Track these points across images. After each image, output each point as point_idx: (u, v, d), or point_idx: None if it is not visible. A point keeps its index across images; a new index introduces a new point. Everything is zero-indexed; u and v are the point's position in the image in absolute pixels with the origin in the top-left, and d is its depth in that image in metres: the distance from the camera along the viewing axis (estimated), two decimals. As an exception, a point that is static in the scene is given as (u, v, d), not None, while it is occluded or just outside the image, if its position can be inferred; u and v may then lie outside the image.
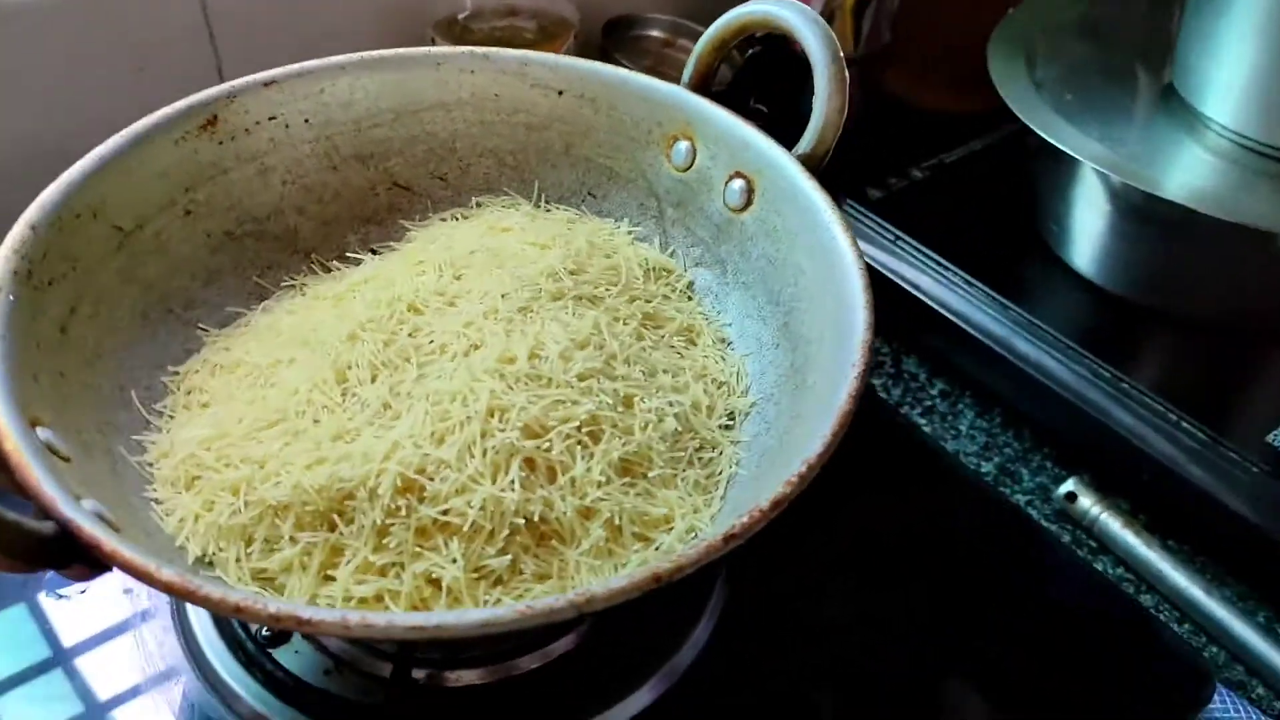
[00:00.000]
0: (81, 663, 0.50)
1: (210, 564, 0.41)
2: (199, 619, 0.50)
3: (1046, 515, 0.64)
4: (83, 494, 0.37)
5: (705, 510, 0.44)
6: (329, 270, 0.56)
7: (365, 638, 0.32)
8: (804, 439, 0.41)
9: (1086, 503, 0.63)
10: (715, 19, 0.96)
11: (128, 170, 0.49)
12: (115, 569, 0.34)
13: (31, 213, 0.44)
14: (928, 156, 0.85)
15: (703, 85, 0.56)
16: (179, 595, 0.33)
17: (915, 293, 0.73)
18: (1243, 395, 0.66)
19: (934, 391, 0.73)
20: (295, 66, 0.55)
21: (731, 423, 0.49)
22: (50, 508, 0.34)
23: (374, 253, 0.58)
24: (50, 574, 0.39)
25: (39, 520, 0.34)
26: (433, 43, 0.85)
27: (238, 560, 0.41)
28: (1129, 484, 0.64)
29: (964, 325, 0.71)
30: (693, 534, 0.43)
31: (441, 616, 0.33)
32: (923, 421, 0.71)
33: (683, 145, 0.56)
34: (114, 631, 0.51)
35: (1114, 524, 0.61)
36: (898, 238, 0.75)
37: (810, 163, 0.51)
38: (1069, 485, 0.64)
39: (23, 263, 0.43)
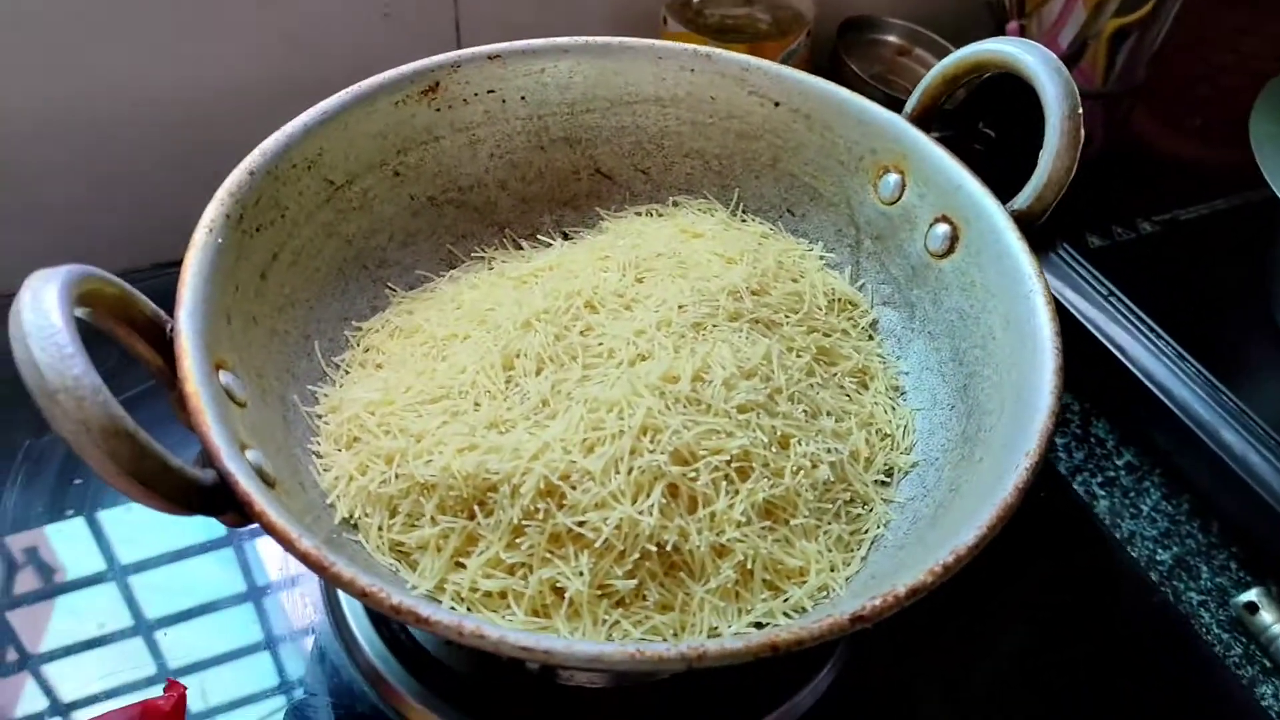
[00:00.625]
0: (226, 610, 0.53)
1: (355, 526, 0.43)
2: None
3: (1220, 621, 0.59)
4: (249, 442, 0.39)
5: (842, 570, 0.43)
6: (520, 247, 0.57)
7: (474, 647, 0.33)
8: (959, 521, 0.39)
9: (1268, 618, 0.57)
10: (957, 35, 0.92)
11: (347, 127, 0.51)
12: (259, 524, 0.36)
13: (252, 159, 0.47)
14: (1162, 210, 0.79)
15: (925, 118, 0.53)
16: (312, 567, 0.34)
17: (1119, 355, 0.68)
18: None
19: (1120, 463, 0.68)
20: (521, 44, 0.55)
21: (888, 479, 0.47)
22: (215, 457, 0.36)
23: (565, 236, 0.58)
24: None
25: (202, 467, 0.36)
26: (664, 22, 0.85)
27: (380, 529, 0.42)
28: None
29: (1166, 400, 0.65)
30: (824, 592, 0.42)
31: (551, 643, 0.33)
32: (1102, 493, 0.66)
33: (893, 177, 0.53)
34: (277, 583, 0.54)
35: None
36: (1111, 293, 0.70)
37: (1025, 221, 0.48)
38: (1251, 595, 0.58)
39: (236, 207, 0.45)
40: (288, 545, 0.34)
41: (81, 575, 0.53)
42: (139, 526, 0.55)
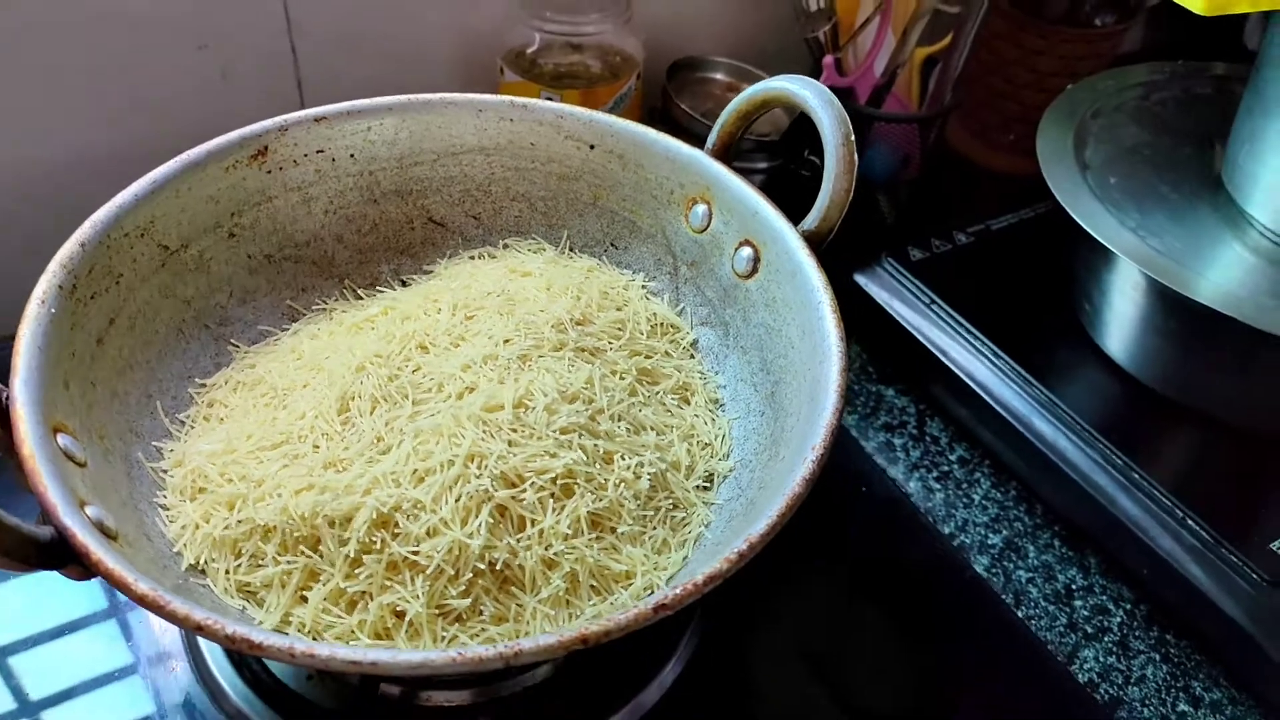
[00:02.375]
0: (81, 636, 0.54)
1: (203, 571, 0.45)
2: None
3: (1046, 595, 0.64)
4: (90, 499, 0.41)
5: (665, 570, 0.46)
6: (359, 297, 0.60)
7: (307, 666, 0.35)
8: (760, 513, 0.43)
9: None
10: (780, 70, 0.98)
11: (179, 194, 0.53)
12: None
13: (82, 231, 0.49)
14: (976, 221, 0.85)
15: (724, 152, 0.58)
16: (149, 607, 0.36)
17: (944, 359, 0.74)
18: (1255, 501, 0.65)
19: (953, 458, 0.73)
20: (345, 105, 0.58)
21: (709, 485, 0.51)
22: (51, 513, 0.38)
23: (404, 283, 0.61)
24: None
25: (41, 524, 0.38)
26: (501, 73, 0.89)
27: (226, 572, 0.44)
28: (1131, 575, 0.64)
29: (986, 397, 0.71)
30: (649, 591, 0.45)
31: (377, 655, 0.35)
32: (938, 486, 0.71)
33: (701, 208, 0.58)
34: (120, 610, 0.55)
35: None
36: (933, 301, 0.76)
37: (813, 240, 0.52)
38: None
39: (68, 277, 0.47)
40: (124, 589, 0.37)
41: None
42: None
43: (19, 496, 0.43)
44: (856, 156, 0.52)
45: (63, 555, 0.38)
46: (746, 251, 0.55)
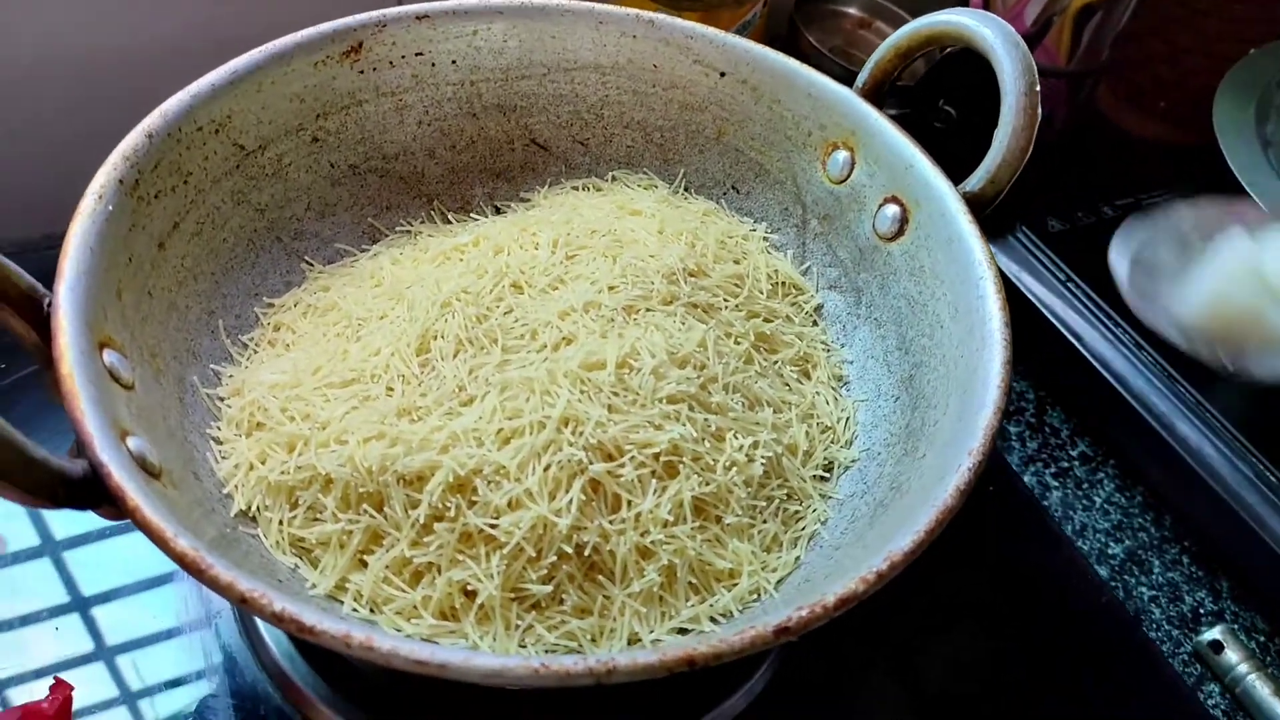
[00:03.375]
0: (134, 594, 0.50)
1: (253, 519, 0.40)
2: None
3: (1170, 617, 0.57)
4: (133, 429, 0.36)
5: (775, 571, 0.40)
6: (448, 221, 0.54)
7: (364, 660, 0.30)
8: (898, 522, 0.37)
9: (1234, 658, 0.55)
10: (919, 8, 0.89)
11: (260, 88, 0.47)
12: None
13: (150, 121, 0.43)
14: (1124, 194, 0.77)
15: (876, 92, 0.50)
16: (189, 569, 0.31)
17: (1076, 344, 0.66)
18: None
19: (1074, 453, 0.66)
20: (451, 3, 0.52)
21: (828, 475, 0.45)
22: (87, 445, 0.33)
23: (498, 210, 0.55)
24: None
25: (75, 456, 0.33)
26: (615, -13, 0.81)
27: (280, 523, 0.39)
28: (1271, 600, 0.56)
29: (1123, 391, 0.63)
30: (755, 596, 0.39)
31: (448, 655, 0.30)
32: (1055, 484, 0.64)
33: (842, 155, 0.50)
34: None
35: (1263, 689, 0.53)
36: (1069, 279, 0.68)
37: (977, 204, 0.45)
38: (1216, 633, 0.56)
39: (131, 171, 0.41)
40: (162, 545, 0.31)
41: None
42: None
43: (48, 411, 0.38)
44: (1040, 110, 0.44)
45: (95, 494, 0.33)
46: (892, 210, 0.48)
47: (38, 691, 0.45)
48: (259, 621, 0.46)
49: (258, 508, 0.40)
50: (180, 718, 0.45)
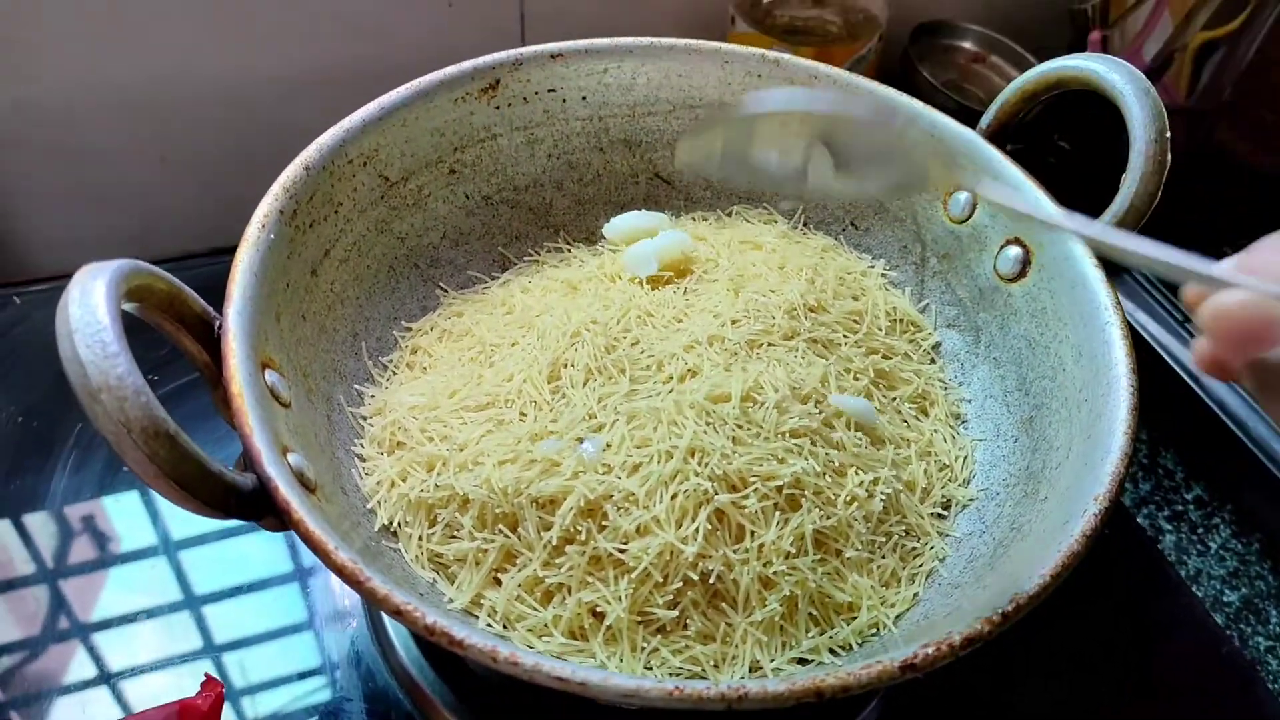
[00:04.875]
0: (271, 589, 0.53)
1: (394, 534, 0.42)
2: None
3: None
4: (291, 445, 0.38)
5: (893, 606, 0.41)
6: (572, 249, 0.56)
7: (509, 674, 0.32)
8: (1020, 564, 0.37)
9: None
10: (1034, 43, 0.89)
11: (405, 123, 0.50)
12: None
13: (308, 154, 0.46)
14: (1246, 233, 0.75)
15: (1000, 134, 0.51)
16: (347, 580, 0.33)
17: (1193, 385, 0.65)
18: None
19: (1189, 496, 0.65)
20: (584, 43, 0.54)
21: (945, 512, 0.45)
22: (256, 461, 0.35)
23: (622, 241, 0.57)
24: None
25: (242, 469, 0.36)
26: (732, 22, 0.83)
27: (419, 539, 0.41)
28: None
29: (1243, 436, 0.63)
30: (874, 630, 0.40)
31: (588, 674, 0.31)
32: (1169, 527, 0.63)
33: (963, 195, 0.51)
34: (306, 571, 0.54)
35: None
36: (1186, 319, 0.67)
37: (1102, 249, 0.45)
38: None
39: (290, 202, 0.44)
40: (324, 557, 0.34)
41: (132, 549, 0.54)
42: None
43: (213, 421, 0.41)
44: (1169, 157, 0.44)
45: (261, 506, 0.36)
46: (1014, 251, 0.48)
47: (156, 684, 0.48)
48: (389, 629, 0.49)
49: (398, 523, 0.42)
50: (312, 712, 0.48)
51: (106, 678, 0.49)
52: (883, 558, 0.42)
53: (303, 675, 0.49)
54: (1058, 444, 0.43)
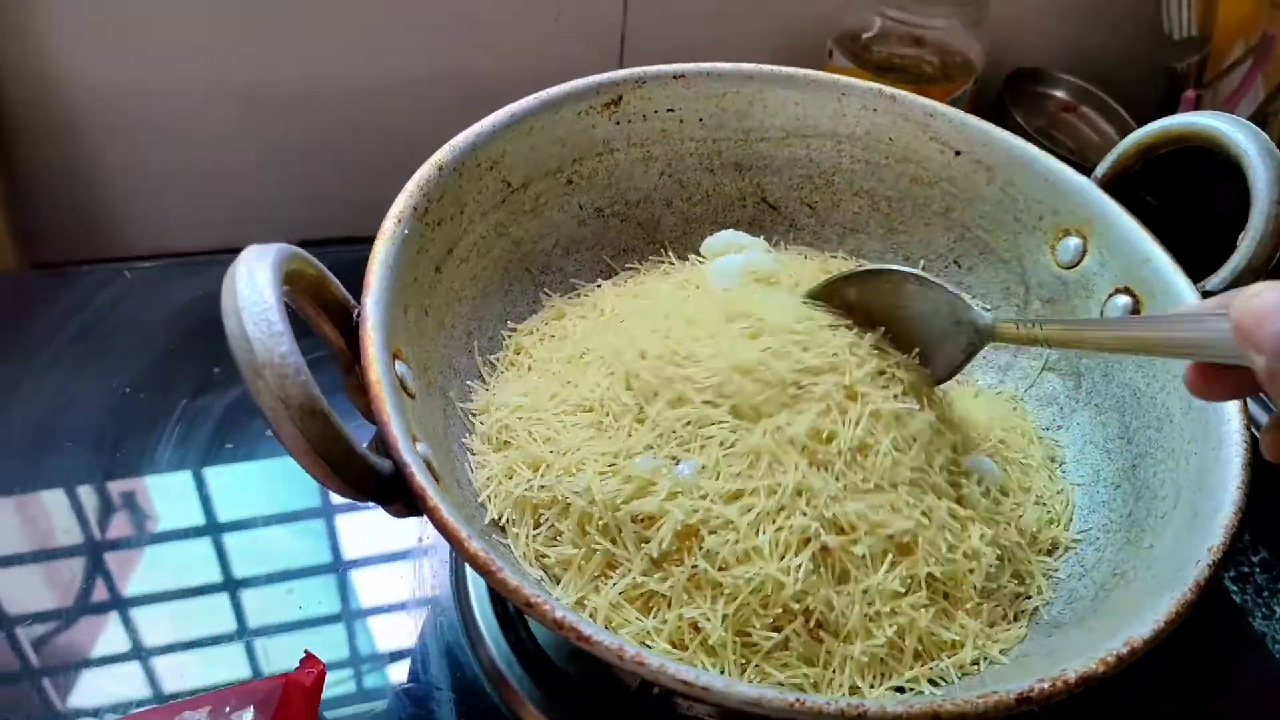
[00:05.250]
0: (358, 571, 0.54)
1: (502, 529, 0.43)
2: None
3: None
4: (419, 435, 0.39)
5: (999, 643, 0.41)
6: (672, 264, 0.57)
7: (634, 673, 0.32)
8: (1128, 608, 0.38)
9: None
10: (1126, 96, 0.89)
11: (531, 131, 0.51)
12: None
13: (440, 155, 0.47)
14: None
15: (1114, 184, 0.51)
16: (479, 569, 0.34)
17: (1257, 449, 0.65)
18: None
19: (1255, 559, 0.65)
20: (705, 66, 0.55)
21: (1050, 553, 0.46)
22: (392, 447, 0.36)
23: (723, 262, 0.58)
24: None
25: (378, 454, 0.37)
26: (829, 55, 0.84)
27: (527, 538, 0.42)
28: None
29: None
30: (976, 664, 0.40)
31: (711, 680, 0.32)
32: (1234, 589, 0.63)
33: (1073, 241, 0.52)
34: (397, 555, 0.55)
35: None
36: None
37: (1217, 305, 0.46)
38: None
39: (423, 200, 0.46)
40: (457, 544, 0.35)
41: (231, 519, 0.55)
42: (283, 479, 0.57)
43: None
44: (1292, 218, 0.45)
45: (391, 491, 0.37)
46: (1123, 300, 0.49)
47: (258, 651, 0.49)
48: (479, 621, 0.50)
49: (507, 520, 0.43)
50: (399, 692, 0.49)
51: (242, 633, 0.51)
52: (995, 603, 0.42)
53: (394, 657, 0.51)
54: (1163, 494, 0.43)
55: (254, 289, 0.33)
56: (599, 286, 0.55)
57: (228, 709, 0.42)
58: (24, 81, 0.71)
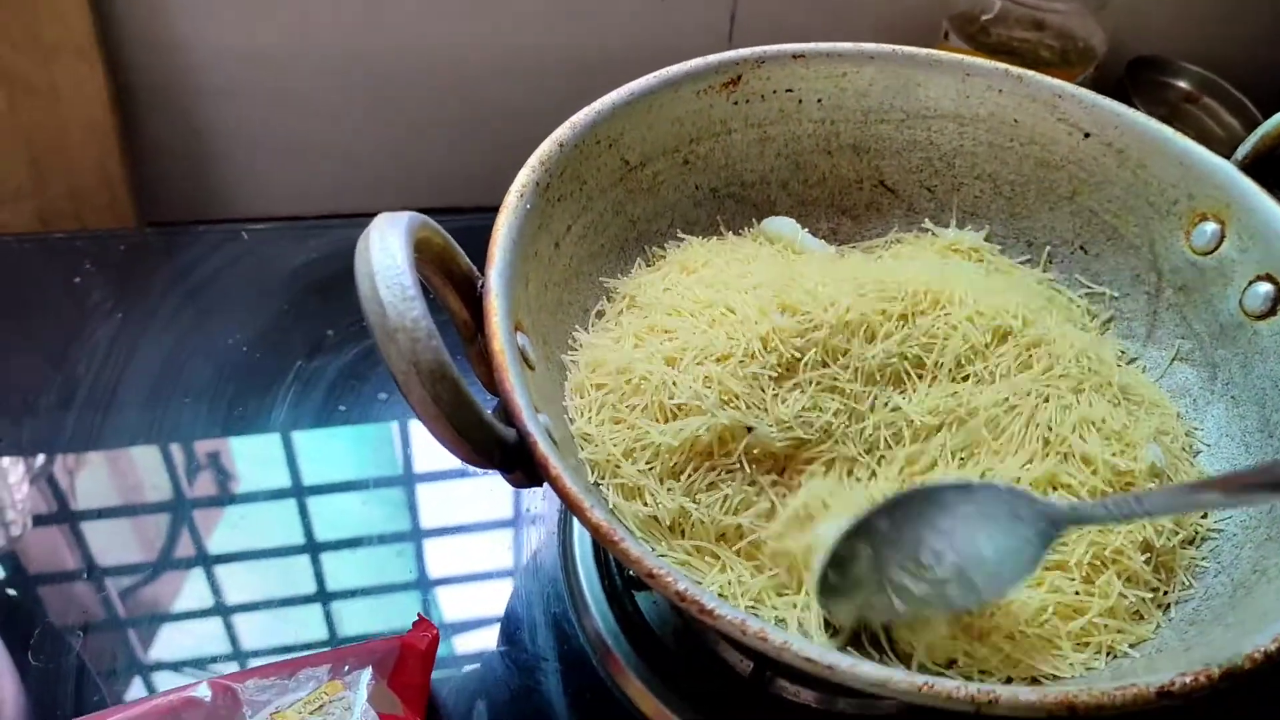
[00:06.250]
0: (469, 536, 0.55)
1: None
2: (580, 538, 0.52)
3: None
4: (539, 406, 0.39)
5: (1131, 634, 0.40)
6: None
7: (757, 649, 0.32)
8: (1271, 604, 0.36)
9: None
10: (1252, 87, 0.85)
11: (650, 110, 0.51)
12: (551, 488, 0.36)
13: (561, 132, 0.47)
14: None
15: (1257, 167, 0.49)
16: (602, 539, 0.34)
17: None
18: None
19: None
20: (825, 46, 0.54)
21: (1189, 544, 0.44)
22: (516, 416, 0.37)
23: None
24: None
25: (503, 423, 0.37)
26: (945, 36, 0.82)
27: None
28: None
29: None
30: (1100, 653, 0.39)
31: (836, 659, 0.32)
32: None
33: (1210, 227, 0.49)
34: (502, 522, 0.56)
35: None
36: None
37: (1368, 293, 0.43)
38: None
39: (545, 175, 0.46)
40: (580, 514, 0.35)
41: (342, 480, 0.57)
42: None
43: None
44: None
45: (513, 460, 0.37)
46: (1265, 288, 0.47)
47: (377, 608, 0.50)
48: (585, 593, 0.50)
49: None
50: (509, 661, 0.49)
51: (341, 594, 0.52)
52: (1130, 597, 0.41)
53: (498, 622, 0.51)
54: (1308, 490, 0.41)
55: (387, 254, 0.34)
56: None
57: (346, 668, 0.42)
58: (144, 44, 0.73)
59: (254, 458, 0.57)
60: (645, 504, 0.41)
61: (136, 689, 0.47)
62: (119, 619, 0.50)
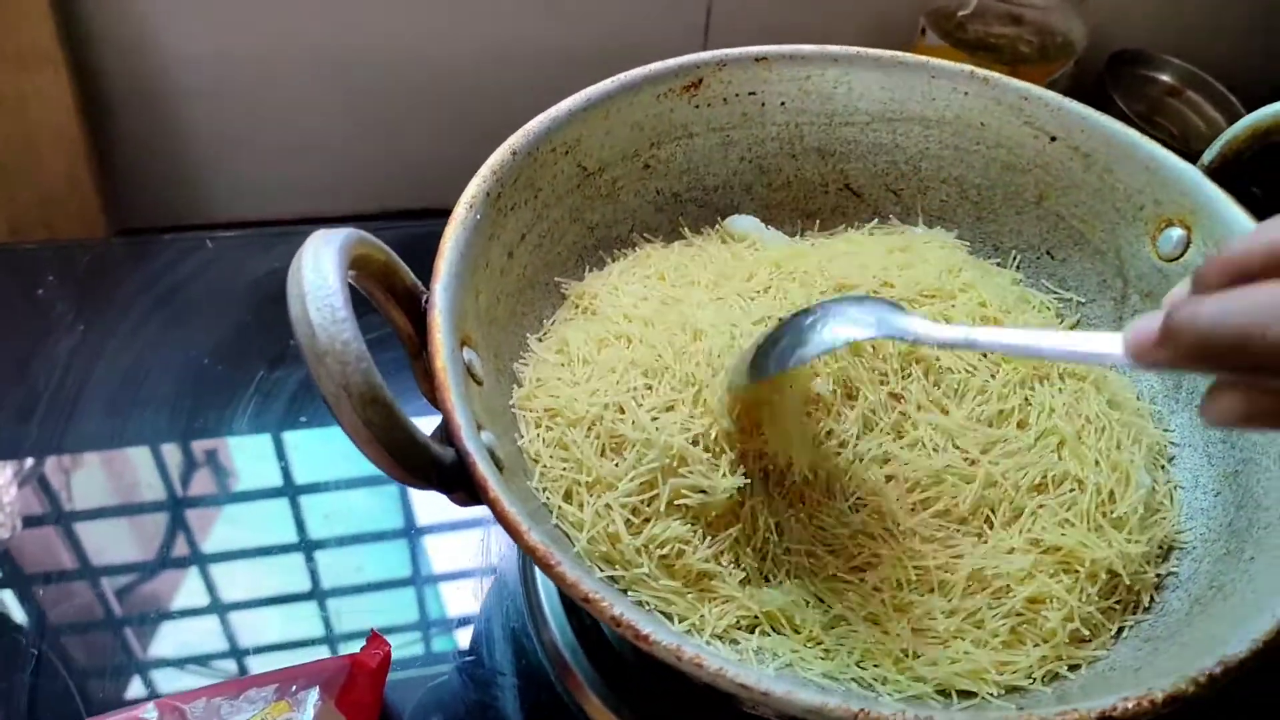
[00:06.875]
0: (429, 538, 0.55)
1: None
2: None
3: None
4: (484, 423, 0.39)
5: (1078, 656, 0.39)
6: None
7: (690, 675, 0.32)
8: (1224, 624, 0.35)
9: None
10: (1234, 81, 0.84)
11: (608, 115, 0.50)
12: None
13: (515, 140, 0.47)
14: None
15: (1222, 171, 0.48)
16: (539, 562, 0.34)
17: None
18: None
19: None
20: (788, 48, 0.54)
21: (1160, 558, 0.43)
22: (456, 436, 0.36)
23: (804, 250, 0.56)
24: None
25: (441, 443, 0.37)
26: (922, 33, 0.81)
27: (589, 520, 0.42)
28: None
29: None
30: (1054, 678, 0.39)
31: (771, 684, 0.31)
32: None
33: (1176, 233, 0.49)
34: (467, 523, 0.55)
35: None
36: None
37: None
38: None
39: (496, 185, 0.45)
40: (517, 537, 0.34)
41: (307, 482, 0.57)
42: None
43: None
44: None
45: (454, 480, 0.36)
46: (1229, 296, 0.46)
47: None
48: (544, 605, 0.49)
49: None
50: (465, 676, 0.49)
51: (314, 594, 0.52)
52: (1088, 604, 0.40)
53: (460, 623, 0.51)
54: (1268, 504, 0.40)
55: (319, 275, 0.33)
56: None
57: (294, 688, 0.42)
58: (116, 48, 0.72)
59: (223, 459, 0.57)
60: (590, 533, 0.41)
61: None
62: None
